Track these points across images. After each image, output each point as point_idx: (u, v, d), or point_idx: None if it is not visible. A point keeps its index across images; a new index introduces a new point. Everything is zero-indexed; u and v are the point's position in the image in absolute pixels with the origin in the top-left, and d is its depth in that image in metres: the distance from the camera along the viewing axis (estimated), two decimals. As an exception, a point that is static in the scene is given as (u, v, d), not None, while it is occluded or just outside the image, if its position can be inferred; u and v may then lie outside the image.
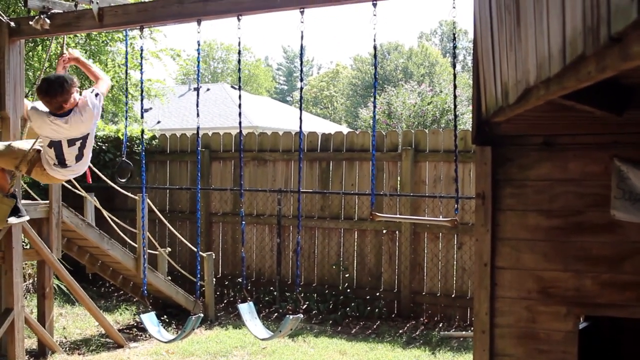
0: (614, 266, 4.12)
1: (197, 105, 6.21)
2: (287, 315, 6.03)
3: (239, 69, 6.18)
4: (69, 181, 9.52)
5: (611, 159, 4.13)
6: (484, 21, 3.78)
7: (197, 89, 6.17)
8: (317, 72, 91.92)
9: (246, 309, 6.25)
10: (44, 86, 5.93)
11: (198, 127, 6.36)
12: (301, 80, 6.22)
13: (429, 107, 25.20)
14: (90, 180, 7.88)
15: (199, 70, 6.35)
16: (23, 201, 8.62)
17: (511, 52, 3.00)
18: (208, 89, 42.55)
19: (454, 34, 5.76)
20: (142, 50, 6.80)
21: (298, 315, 6.05)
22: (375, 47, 5.64)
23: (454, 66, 5.78)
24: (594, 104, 3.04)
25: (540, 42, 2.42)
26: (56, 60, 10.41)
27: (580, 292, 4.18)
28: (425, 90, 27.82)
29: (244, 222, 6.41)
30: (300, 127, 6.12)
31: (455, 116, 5.75)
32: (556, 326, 4.24)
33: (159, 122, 34.07)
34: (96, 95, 6.16)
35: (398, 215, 10.83)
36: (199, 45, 6.17)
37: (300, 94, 6.18)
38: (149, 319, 6.46)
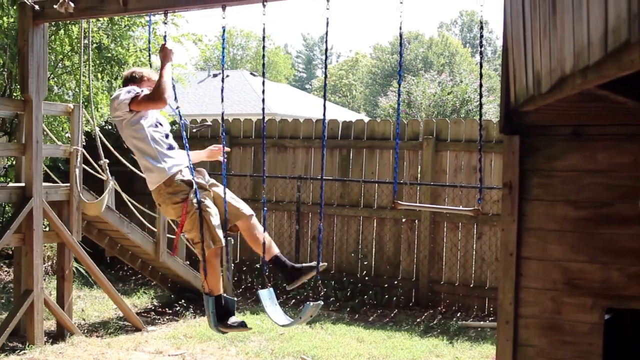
0: (642, 259, 4.08)
1: (222, 91, 6.18)
2: (308, 302, 5.99)
3: (264, 55, 6.16)
4: (89, 164, 9.56)
5: (641, 151, 4.08)
6: (515, 9, 3.73)
7: (222, 76, 6.12)
8: (336, 61, 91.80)
9: (266, 295, 6.18)
10: None
11: (223, 113, 6.33)
12: (325, 67, 6.18)
13: (449, 97, 25.06)
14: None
15: (223, 57, 6.32)
16: (44, 184, 8.66)
17: (545, 40, 2.96)
18: (227, 76, 42.46)
19: (480, 22, 5.71)
20: (165, 36, 6.76)
21: (318, 302, 6.01)
22: (401, 34, 5.57)
23: (481, 54, 5.73)
24: (629, 94, 3.00)
25: (578, 30, 2.38)
26: (78, 45, 10.42)
27: (607, 284, 4.15)
28: (445, 80, 27.69)
29: (265, 209, 6.37)
30: (324, 114, 6.08)
31: (481, 105, 5.71)
32: (582, 318, 4.21)
33: (177, 107, 34.08)
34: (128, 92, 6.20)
35: (420, 204, 10.78)
36: (224, 31, 6.11)
37: (325, 72, 6.11)
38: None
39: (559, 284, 4.27)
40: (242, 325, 5.91)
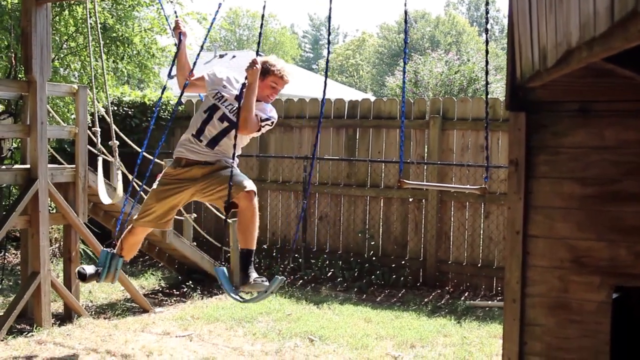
0: (650, 236, 4.03)
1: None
2: (276, 276, 5.90)
3: (260, 35, 6.08)
4: (95, 146, 9.53)
5: (649, 127, 4.03)
6: (521, -17, 3.67)
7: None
8: (342, 41, 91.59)
9: (222, 273, 6.09)
10: None
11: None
12: (328, 43, 6.12)
13: (456, 76, 24.98)
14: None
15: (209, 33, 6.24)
16: (49, 165, 8.63)
17: (551, 14, 2.90)
18: (234, 56, 42.43)
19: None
20: (175, 14, 6.70)
21: (282, 277, 5.93)
22: (406, 12, 5.49)
23: (487, 31, 5.65)
24: (637, 69, 2.95)
25: (584, 1, 2.32)
26: (83, 25, 10.35)
27: (614, 262, 4.10)
28: (452, 59, 27.58)
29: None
30: (324, 93, 6.00)
31: (487, 83, 5.64)
32: (589, 296, 4.17)
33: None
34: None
35: (426, 183, 10.73)
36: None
37: (328, 46, 6.05)
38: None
39: (566, 262, 4.22)
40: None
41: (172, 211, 6.45)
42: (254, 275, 6.01)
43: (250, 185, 5.97)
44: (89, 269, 6.40)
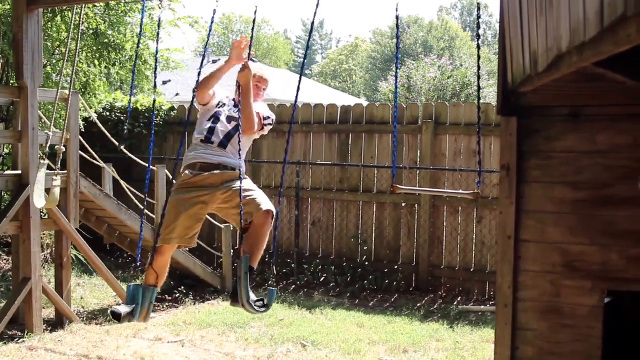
0: (642, 241, 4.03)
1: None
2: (271, 289, 5.76)
3: (252, 37, 6.07)
4: (87, 151, 9.51)
5: (641, 131, 4.03)
6: (512, -12, 3.67)
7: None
8: (336, 46, 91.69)
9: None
10: None
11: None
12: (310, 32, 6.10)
13: (449, 81, 24.99)
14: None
15: (209, 36, 6.23)
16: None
17: (541, 18, 2.90)
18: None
19: (478, 3, 5.63)
20: (159, 20, 6.68)
21: (274, 289, 5.82)
22: (397, 17, 5.47)
23: (478, 36, 5.65)
24: (628, 73, 2.95)
25: (574, 6, 2.33)
26: (75, 31, 10.33)
27: (606, 266, 4.10)
28: (445, 64, 27.61)
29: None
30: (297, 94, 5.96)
31: (479, 88, 5.63)
32: (581, 301, 4.16)
33: (177, 94, 34.03)
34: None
35: (419, 188, 10.73)
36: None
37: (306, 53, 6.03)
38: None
39: (558, 266, 4.22)
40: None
41: (196, 225, 5.91)
42: (252, 296, 5.77)
43: (269, 205, 5.78)
44: (124, 309, 5.72)
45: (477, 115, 5.72)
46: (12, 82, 10.89)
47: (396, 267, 11.25)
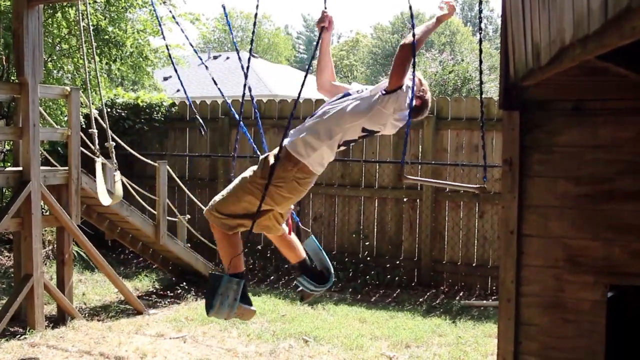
0: (645, 235, 4.01)
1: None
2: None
3: (253, 31, 6.03)
4: (88, 147, 9.48)
5: (643, 125, 4.00)
6: (514, -20, 3.65)
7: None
8: (337, 41, 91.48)
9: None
10: None
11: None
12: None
13: (450, 76, 24.94)
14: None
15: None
16: (42, 167, 8.60)
17: (544, 11, 2.88)
18: (227, 58, 42.44)
19: (479, -3, 5.61)
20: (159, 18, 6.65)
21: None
22: (410, 7, 5.11)
23: (480, 30, 5.63)
24: (631, 67, 2.93)
25: (578, -2, 2.31)
26: (75, 27, 10.32)
27: (609, 261, 4.08)
28: (446, 59, 27.57)
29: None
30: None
31: (481, 82, 5.60)
32: (584, 295, 4.14)
33: (178, 90, 34.01)
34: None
35: (427, 179, 10.64)
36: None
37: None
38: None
39: (560, 261, 4.20)
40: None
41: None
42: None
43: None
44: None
45: (479, 109, 5.70)
46: (12, 78, 10.87)
47: (398, 262, 11.24)
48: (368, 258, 11.43)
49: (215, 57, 47.45)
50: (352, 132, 5.04)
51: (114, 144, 9.03)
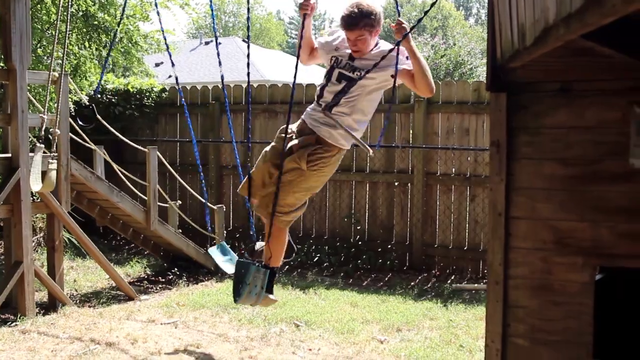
0: (632, 216, 4.00)
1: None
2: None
3: (248, 18, 6.02)
4: (77, 134, 9.44)
5: (630, 106, 3.99)
6: (500, -39, 3.63)
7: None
8: (329, 26, 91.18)
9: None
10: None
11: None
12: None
13: (442, 60, 24.96)
14: None
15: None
16: (31, 154, 8.54)
17: (529, -9, 2.86)
18: (220, 43, 42.26)
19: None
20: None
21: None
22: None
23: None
24: (616, 47, 2.91)
25: (560, -24, 2.29)
26: (64, 13, 10.22)
27: (597, 242, 4.08)
28: (438, 43, 27.55)
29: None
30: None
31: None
32: (572, 277, 4.14)
33: (170, 76, 33.93)
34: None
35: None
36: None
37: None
38: (219, 250, 6.00)
39: (548, 243, 4.20)
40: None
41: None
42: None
43: None
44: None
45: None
46: (1, 65, 10.81)
47: (389, 246, 11.24)
48: (359, 242, 11.43)
49: (206, 43, 47.37)
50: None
51: (59, 132, 8.65)
